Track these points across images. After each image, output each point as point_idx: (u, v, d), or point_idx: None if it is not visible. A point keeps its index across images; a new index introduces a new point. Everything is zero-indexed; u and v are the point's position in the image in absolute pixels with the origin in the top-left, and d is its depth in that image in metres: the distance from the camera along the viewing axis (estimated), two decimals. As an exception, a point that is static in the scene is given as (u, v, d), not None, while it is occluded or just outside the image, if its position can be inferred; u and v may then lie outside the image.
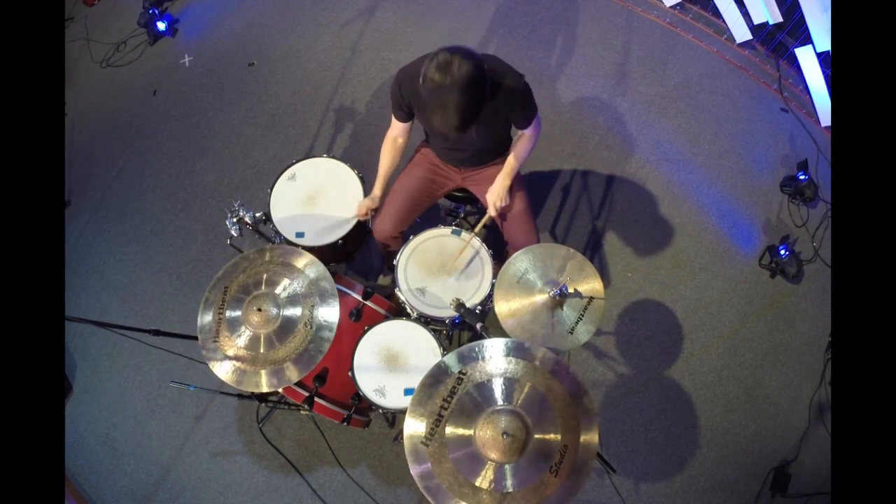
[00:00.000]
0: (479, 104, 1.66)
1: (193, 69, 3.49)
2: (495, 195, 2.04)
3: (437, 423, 1.39)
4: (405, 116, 2.03)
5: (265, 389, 1.72)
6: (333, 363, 2.06)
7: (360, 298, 2.13)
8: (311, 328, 1.76)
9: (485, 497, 1.34)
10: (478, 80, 1.62)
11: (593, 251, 2.89)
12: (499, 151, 2.17)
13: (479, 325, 1.60)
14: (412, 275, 2.12)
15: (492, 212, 2.06)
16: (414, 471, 1.37)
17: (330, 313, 1.78)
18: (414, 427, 1.40)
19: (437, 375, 1.43)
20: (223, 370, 1.76)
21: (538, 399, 1.41)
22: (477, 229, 2.12)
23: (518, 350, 1.45)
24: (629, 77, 3.28)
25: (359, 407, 2.11)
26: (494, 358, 1.45)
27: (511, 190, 2.09)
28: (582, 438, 1.38)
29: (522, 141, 2.07)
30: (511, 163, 2.06)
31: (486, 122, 1.89)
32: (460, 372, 1.43)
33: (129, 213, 3.15)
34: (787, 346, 2.72)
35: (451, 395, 1.41)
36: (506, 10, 3.48)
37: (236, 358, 1.76)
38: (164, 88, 3.46)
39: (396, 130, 2.12)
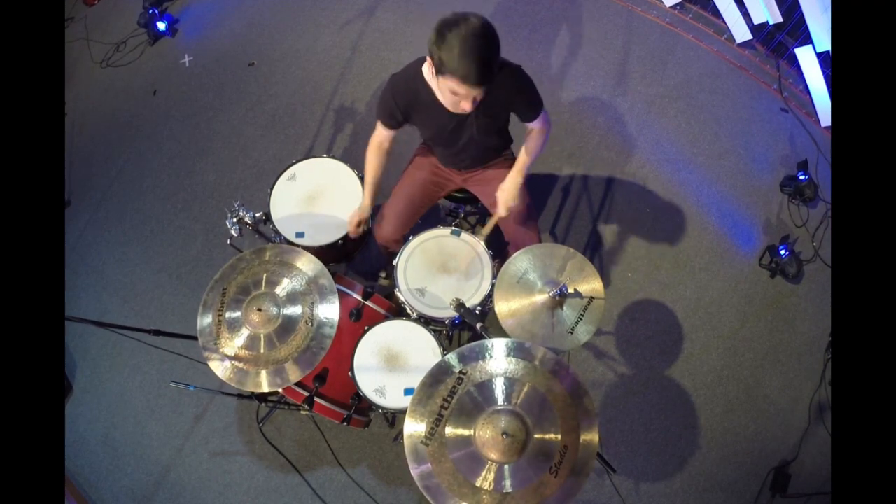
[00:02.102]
0: (495, 53, 1.60)
1: (193, 69, 3.49)
2: (507, 194, 1.96)
3: (437, 423, 1.39)
4: (395, 124, 1.97)
5: (266, 389, 1.72)
6: (333, 363, 2.05)
7: (360, 298, 2.13)
8: (311, 326, 1.77)
9: (485, 497, 1.34)
10: (492, 29, 1.58)
11: (593, 251, 2.89)
12: (498, 150, 2.16)
13: (479, 325, 1.60)
14: (412, 275, 2.11)
15: (501, 212, 1.98)
16: (414, 471, 1.36)
17: (330, 311, 1.78)
18: (414, 427, 1.39)
19: (438, 375, 1.43)
20: (225, 371, 1.76)
21: (538, 399, 1.41)
22: (485, 231, 2.09)
23: (518, 350, 1.45)
24: (629, 77, 3.28)
25: (359, 407, 2.11)
26: (494, 358, 1.45)
27: None
28: (582, 439, 1.38)
29: (533, 136, 2.00)
30: (523, 158, 1.98)
31: (486, 111, 1.85)
32: (460, 372, 1.43)
33: (129, 213, 3.15)
34: (787, 346, 2.72)
35: (451, 394, 1.41)
36: (506, 10, 3.48)
37: (237, 358, 1.76)
38: (164, 88, 3.45)
39: (382, 136, 2.05)
